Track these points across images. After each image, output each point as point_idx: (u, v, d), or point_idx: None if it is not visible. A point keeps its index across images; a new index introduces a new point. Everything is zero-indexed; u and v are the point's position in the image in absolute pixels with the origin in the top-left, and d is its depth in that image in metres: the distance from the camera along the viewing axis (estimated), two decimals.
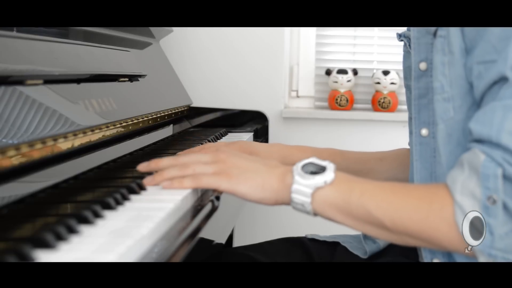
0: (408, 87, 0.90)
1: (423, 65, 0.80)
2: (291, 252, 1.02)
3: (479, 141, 0.68)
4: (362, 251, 0.98)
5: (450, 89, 0.74)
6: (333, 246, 1.02)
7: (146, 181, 0.80)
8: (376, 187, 0.73)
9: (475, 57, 0.71)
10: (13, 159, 0.72)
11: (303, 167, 0.74)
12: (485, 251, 0.66)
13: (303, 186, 0.73)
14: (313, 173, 0.73)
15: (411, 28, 0.81)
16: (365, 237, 0.97)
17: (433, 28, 0.77)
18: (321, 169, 0.74)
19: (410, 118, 0.88)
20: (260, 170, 0.77)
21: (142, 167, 0.83)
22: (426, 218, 0.69)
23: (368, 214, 0.71)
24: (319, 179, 0.72)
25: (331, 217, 0.73)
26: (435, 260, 0.78)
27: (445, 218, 0.68)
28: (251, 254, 1.00)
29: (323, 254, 1.01)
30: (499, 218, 0.65)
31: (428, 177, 0.81)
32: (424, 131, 0.81)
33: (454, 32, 0.73)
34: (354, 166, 1.02)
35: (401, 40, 0.94)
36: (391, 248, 0.96)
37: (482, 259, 0.67)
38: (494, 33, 0.69)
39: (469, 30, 0.72)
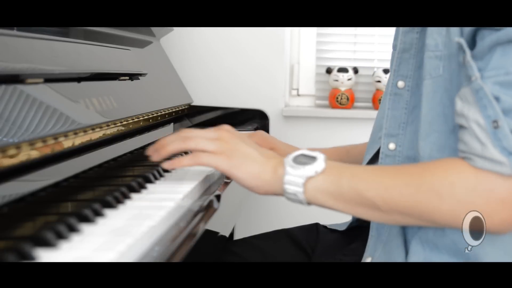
0: (394, 47, 0.91)
1: None
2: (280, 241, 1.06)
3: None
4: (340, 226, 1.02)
5: (444, 49, 0.76)
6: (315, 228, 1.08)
7: (153, 156, 0.82)
8: (366, 169, 0.76)
9: None
10: (13, 158, 0.72)
11: (294, 158, 0.76)
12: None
13: (295, 177, 0.74)
14: (303, 163, 0.75)
15: None
16: None
17: None
18: (311, 160, 0.75)
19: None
20: (258, 160, 0.78)
21: (151, 150, 0.84)
22: (417, 191, 0.69)
23: (359, 196, 0.72)
24: (309, 169, 0.74)
25: (324, 203, 0.75)
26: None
27: (435, 189, 0.68)
28: (255, 242, 1.02)
29: (309, 239, 1.05)
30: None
31: (396, 126, 0.85)
32: (400, 83, 0.85)
33: None
34: (360, 159, 1.03)
35: None
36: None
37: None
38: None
39: None
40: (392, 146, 0.85)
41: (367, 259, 0.84)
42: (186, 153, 0.95)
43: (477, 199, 0.67)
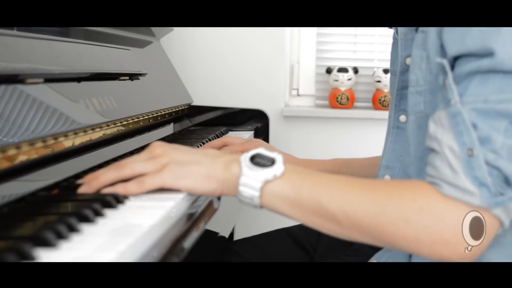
0: (393, 72, 0.91)
1: (408, 60, 0.82)
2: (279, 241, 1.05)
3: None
4: None
5: (424, 83, 0.75)
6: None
7: (81, 189, 0.73)
8: (330, 179, 0.71)
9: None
10: (13, 158, 0.72)
11: (252, 158, 0.72)
12: (491, 204, 0.64)
13: (252, 179, 0.70)
14: (261, 165, 0.71)
15: None
16: None
17: None
18: (269, 161, 0.71)
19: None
20: (203, 161, 0.73)
21: (81, 185, 0.75)
22: (383, 212, 0.66)
23: (319, 206, 0.69)
24: (268, 172, 0.70)
25: (278, 209, 0.71)
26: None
27: (403, 213, 0.65)
28: (255, 242, 1.02)
29: (310, 238, 1.05)
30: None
31: (394, 159, 0.84)
32: (402, 118, 0.85)
33: (432, 29, 0.73)
34: (359, 172, 1.03)
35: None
36: None
37: (497, 211, 0.64)
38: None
39: (448, 29, 0.70)
40: (387, 178, 0.85)
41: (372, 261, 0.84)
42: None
43: (443, 228, 0.64)
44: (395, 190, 0.68)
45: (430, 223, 0.64)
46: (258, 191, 0.70)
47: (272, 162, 0.71)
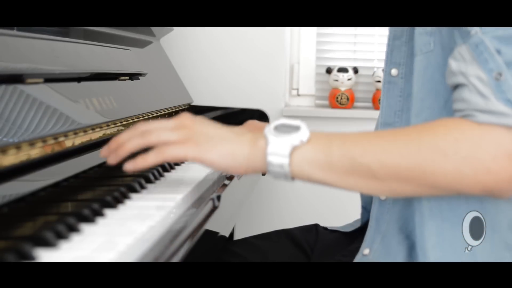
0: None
1: None
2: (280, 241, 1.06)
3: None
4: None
5: None
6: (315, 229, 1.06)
7: (110, 159, 0.74)
8: (358, 134, 0.70)
9: None
10: (13, 158, 0.72)
11: (276, 127, 0.70)
12: None
13: (280, 146, 0.68)
14: (286, 133, 0.69)
15: None
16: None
17: None
18: (294, 129, 0.70)
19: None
20: (229, 137, 0.72)
21: (105, 151, 0.75)
22: (418, 151, 0.65)
23: (352, 162, 0.67)
24: (295, 137, 0.68)
25: (310, 175, 0.69)
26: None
27: (438, 146, 0.65)
28: (255, 242, 1.02)
29: (309, 240, 1.05)
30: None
31: (392, 114, 0.83)
32: (393, 71, 0.83)
33: None
34: None
35: None
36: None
37: None
38: None
39: None
40: None
41: (365, 250, 0.83)
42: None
43: (483, 155, 0.63)
44: (426, 128, 0.67)
45: (468, 152, 0.64)
46: (287, 157, 0.68)
47: (296, 129, 0.70)
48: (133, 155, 0.74)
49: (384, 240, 0.81)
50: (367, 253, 0.83)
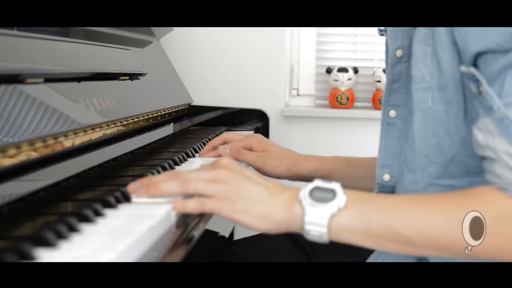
0: (386, 70, 0.91)
1: (399, 52, 0.83)
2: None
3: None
4: None
5: (430, 79, 0.74)
6: None
7: (131, 188, 0.73)
8: (396, 201, 0.70)
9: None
10: (13, 158, 0.72)
11: (310, 193, 0.69)
12: None
13: (317, 217, 0.68)
14: (323, 199, 0.69)
15: None
16: None
17: None
18: (330, 194, 0.69)
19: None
20: (265, 199, 0.71)
21: (133, 186, 0.73)
22: (459, 227, 0.65)
23: (391, 232, 0.67)
24: (332, 206, 0.68)
25: (348, 240, 0.69)
26: None
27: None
28: (255, 242, 1.02)
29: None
30: None
31: (389, 156, 0.84)
32: (392, 113, 0.85)
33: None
34: (360, 172, 1.03)
35: (382, 35, 0.97)
36: None
37: None
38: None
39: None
40: (386, 177, 0.85)
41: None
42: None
43: None
44: (466, 202, 0.67)
45: (509, 229, 0.65)
46: (326, 228, 0.68)
47: (332, 193, 0.69)
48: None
49: (389, 254, 0.81)
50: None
